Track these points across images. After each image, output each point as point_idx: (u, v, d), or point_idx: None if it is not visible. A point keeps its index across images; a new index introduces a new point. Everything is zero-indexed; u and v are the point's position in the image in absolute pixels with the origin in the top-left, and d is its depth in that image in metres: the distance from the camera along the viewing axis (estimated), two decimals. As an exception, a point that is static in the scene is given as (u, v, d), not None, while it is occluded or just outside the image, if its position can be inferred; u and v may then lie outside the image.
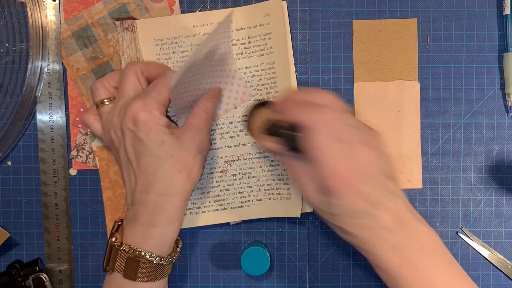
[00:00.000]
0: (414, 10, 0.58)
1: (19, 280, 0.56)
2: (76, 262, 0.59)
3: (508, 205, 0.59)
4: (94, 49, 0.57)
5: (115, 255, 0.50)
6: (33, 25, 0.57)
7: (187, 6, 0.58)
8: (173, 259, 0.52)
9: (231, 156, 0.57)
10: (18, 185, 0.59)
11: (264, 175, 0.57)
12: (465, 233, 0.59)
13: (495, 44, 0.59)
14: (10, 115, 0.57)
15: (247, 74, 0.56)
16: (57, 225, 0.59)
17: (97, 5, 0.57)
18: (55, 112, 0.58)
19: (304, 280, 0.60)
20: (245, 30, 0.56)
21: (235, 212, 0.58)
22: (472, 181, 0.59)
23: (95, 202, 0.59)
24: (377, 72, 0.58)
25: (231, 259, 0.60)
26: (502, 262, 0.59)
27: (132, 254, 0.49)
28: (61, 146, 0.58)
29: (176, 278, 0.60)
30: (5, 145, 0.57)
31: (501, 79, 0.59)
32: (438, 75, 0.59)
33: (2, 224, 0.59)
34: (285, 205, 0.57)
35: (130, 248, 0.49)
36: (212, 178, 0.57)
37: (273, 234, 0.59)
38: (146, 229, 0.49)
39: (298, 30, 0.58)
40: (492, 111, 0.59)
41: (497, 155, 0.59)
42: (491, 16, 0.58)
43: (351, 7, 0.58)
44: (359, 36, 0.58)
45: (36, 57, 0.57)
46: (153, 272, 0.50)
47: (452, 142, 0.59)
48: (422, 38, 0.58)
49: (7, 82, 0.57)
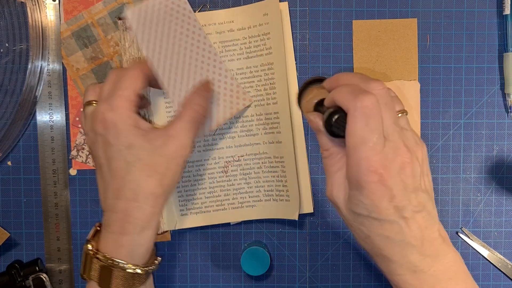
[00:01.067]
0: (414, 10, 0.58)
1: (19, 280, 0.56)
2: (76, 262, 0.59)
3: (508, 205, 0.59)
4: (94, 49, 0.57)
5: (90, 263, 0.47)
6: (33, 25, 0.57)
7: (187, 6, 0.57)
8: (150, 269, 0.48)
9: (231, 157, 0.57)
10: (18, 185, 0.59)
11: (264, 176, 0.57)
12: (465, 233, 0.59)
13: (495, 44, 0.59)
14: (10, 115, 0.57)
15: (247, 74, 0.56)
16: (57, 225, 0.59)
17: (97, 5, 0.57)
18: (55, 112, 0.58)
19: (304, 280, 0.60)
20: (245, 30, 0.56)
21: (235, 212, 0.58)
22: (472, 181, 0.59)
23: (95, 202, 0.59)
24: (377, 72, 0.58)
25: (231, 259, 0.60)
26: (502, 262, 0.59)
27: (106, 263, 0.46)
28: (61, 146, 0.58)
29: (176, 278, 0.60)
30: (5, 145, 0.57)
31: (501, 79, 0.59)
32: (438, 75, 0.59)
33: (2, 224, 0.59)
34: (284, 207, 0.57)
35: (103, 256, 0.46)
36: (213, 178, 0.57)
37: (273, 234, 0.59)
38: (117, 237, 0.46)
39: (298, 30, 0.58)
40: (492, 111, 0.59)
41: (497, 155, 0.59)
42: (491, 16, 0.58)
43: (351, 7, 0.58)
44: (359, 36, 0.58)
45: (36, 57, 0.57)
46: (129, 281, 0.47)
47: (452, 142, 0.59)
48: (422, 38, 0.58)
49: (7, 82, 0.57)
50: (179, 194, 0.58)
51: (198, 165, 0.57)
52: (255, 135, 0.57)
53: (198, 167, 0.57)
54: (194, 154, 0.57)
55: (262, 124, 0.56)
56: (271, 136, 0.56)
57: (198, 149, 0.57)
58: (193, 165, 0.57)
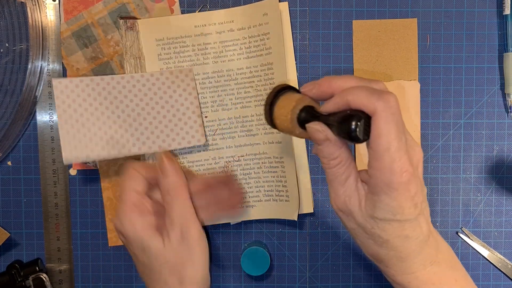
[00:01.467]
0: (414, 10, 0.58)
1: (19, 280, 0.56)
2: (76, 262, 0.59)
3: (508, 205, 0.59)
4: (94, 49, 0.57)
5: None
6: (33, 25, 0.57)
7: (187, 6, 0.57)
8: None
9: (231, 157, 0.57)
10: (18, 185, 0.59)
11: (264, 176, 0.57)
12: (465, 233, 0.59)
13: (495, 44, 0.59)
14: (10, 115, 0.57)
15: (247, 74, 0.56)
16: (57, 225, 0.59)
17: (97, 5, 0.57)
18: (55, 112, 0.58)
19: (304, 280, 0.60)
20: (245, 29, 0.56)
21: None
22: (472, 181, 0.59)
23: (95, 202, 0.59)
24: (377, 72, 0.58)
25: (231, 259, 0.60)
26: (502, 262, 0.59)
27: None
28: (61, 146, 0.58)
29: (176, 278, 0.60)
30: (5, 145, 0.57)
31: (501, 79, 0.59)
32: (438, 75, 0.59)
33: (2, 224, 0.59)
34: (284, 207, 0.57)
35: None
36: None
37: (273, 234, 0.59)
38: None
39: (298, 30, 0.58)
40: (492, 111, 0.59)
41: (497, 155, 0.59)
42: (491, 16, 0.58)
43: (351, 7, 0.58)
44: (359, 36, 0.58)
45: (36, 57, 0.57)
46: None
47: (452, 142, 0.59)
48: (422, 38, 0.58)
49: (7, 82, 0.57)
50: (179, 194, 0.58)
51: (198, 165, 0.57)
52: (255, 135, 0.57)
53: (198, 167, 0.57)
54: (194, 154, 0.57)
55: (262, 124, 0.56)
56: (271, 136, 0.56)
57: (198, 149, 0.57)
58: (193, 165, 0.57)
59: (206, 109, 0.57)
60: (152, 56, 0.56)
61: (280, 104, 0.44)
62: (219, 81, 0.57)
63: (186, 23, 0.56)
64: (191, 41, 0.56)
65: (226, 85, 0.57)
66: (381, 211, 0.40)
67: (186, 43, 0.56)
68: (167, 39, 0.56)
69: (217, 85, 0.57)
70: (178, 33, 0.56)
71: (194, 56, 0.56)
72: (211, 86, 0.57)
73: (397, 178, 0.38)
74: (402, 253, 0.41)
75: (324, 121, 0.41)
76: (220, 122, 0.57)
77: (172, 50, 0.56)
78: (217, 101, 0.57)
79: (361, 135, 0.38)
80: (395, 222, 0.40)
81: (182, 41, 0.56)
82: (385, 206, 0.39)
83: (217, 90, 0.57)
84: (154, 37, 0.56)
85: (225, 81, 0.57)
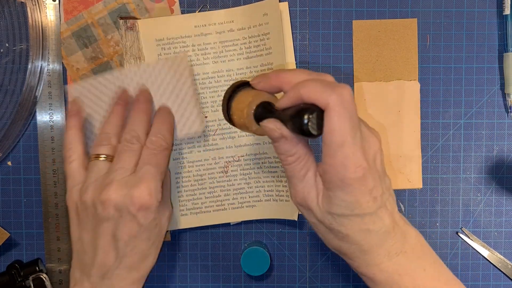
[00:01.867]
0: (414, 10, 0.58)
1: (19, 280, 0.56)
2: (76, 262, 0.59)
3: (508, 205, 0.59)
4: (94, 49, 0.57)
5: None
6: (33, 25, 0.57)
7: (187, 6, 0.58)
8: None
9: (232, 157, 0.57)
10: (18, 185, 0.59)
11: (264, 176, 0.57)
12: (465, 233, 0.59)
13: (495, 44, 0.59)
14: (10, 115, 0.57)
15: (247, 74, 0.56)
16: (57, 225, 0.59)
17: (97, 5, 0.57)
18: (55, 112, 0.58)
19: (304, 280, 0.60)
20: (245, 30, 0.56)
21: (235, 212, 0.58)
22: (472, 181, 0.59)
23: (95, 202, 0.59)
24: (377, 72, 0.58)
25: (231, 259, 0.60)
26: (502, 262, 0.59)
27: None
28: (61, 146, 0.58)
29: (176, 278, 0.60)
30: (5, 145, 0.57)
31: (501, 79, 0.59)
32: (438, 75, 0.59)
33: (2, 224, 0.59)
34: (284, 207, 0.57)
35: None
36: (213, 178, 0.57)
37: (273, 234, 0.59)
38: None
39: (298, 30, 0.58)
40: (492, 111, 0.59)
41: (497, 155, 0.59)
42: (491, 16, 0.58)
43: (351, 7, 0.58)
44: (359, 36, 0.58)
45: (36, 57, 0.57)
46: None
47: (452, 142, 0.59)
48: (422, 38, 0.58)
49: (7, 82, 0.57)
50: (179, 194, 0.58)
51: (198, 165, 0.57)
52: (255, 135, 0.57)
53: (198, 167, 0.57)
54: (194, 154, 0.57)
55: (262, 124, 0.56)
56: (271, 136, 0.56)
57: (198, 149, 0.57)
58: (193, 165, 0.57)
59: (206, 109, 0.57)
60: (152, 56, 0.56)
61: (237, 99, 0.43)
62: (219, 81, 0.57)
63: (186, 23, 0.56)
64: (191, 41, 0.56)
65: (226, 85, 0.57)
66: (337, 207, 0.39)
67: (186, 43, 0.56)
68: (167, 39, 0.56)
69: (217, 85, 0.57)
70: (178, 33, 0.56)
71: (194, 56, 0.56)
72: (211, 86, 0.57)
73: (351, 174, 0.38)
74: (364, 246, 0.41)
75: (280, 117, 0.40)
76: (220, 122, 0.57)
77: (172, 50, 0.56)
78: (217, 101, 0.57)
79: (315, 130, 0.37)
80: (354, 216, 0.39)
81: (182, 41, 0.56)
82: (341, 202, 0.39)
83: (217, 90, 0.57)
84: (154, 37, 0.56)
85: (225, 81, 0.57)
